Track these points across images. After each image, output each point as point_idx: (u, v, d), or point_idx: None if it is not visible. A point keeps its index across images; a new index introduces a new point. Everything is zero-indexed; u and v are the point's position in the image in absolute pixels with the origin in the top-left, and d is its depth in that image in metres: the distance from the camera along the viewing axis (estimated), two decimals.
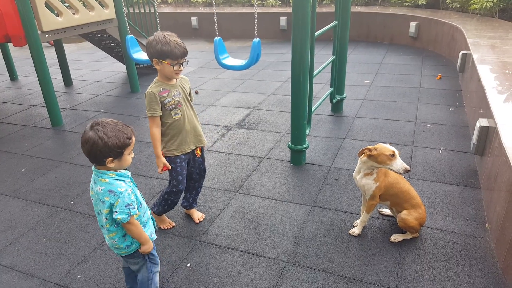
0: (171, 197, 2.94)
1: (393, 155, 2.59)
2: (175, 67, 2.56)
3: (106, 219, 2.00)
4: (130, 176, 2.10)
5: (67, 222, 3.28)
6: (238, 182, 3.73)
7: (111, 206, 1.95)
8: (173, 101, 2.66)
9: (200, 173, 3.08)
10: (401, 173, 2.61)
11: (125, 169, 2.08)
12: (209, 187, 3.65)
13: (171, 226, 3.13)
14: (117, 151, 1.92)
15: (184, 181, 2.89)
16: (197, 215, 3.22)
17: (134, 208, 1.98)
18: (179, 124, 2.74)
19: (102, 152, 1.89)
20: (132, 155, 2.04)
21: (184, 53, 2.56)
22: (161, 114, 2.65)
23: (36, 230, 3.21)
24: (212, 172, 3.90)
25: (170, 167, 2.79)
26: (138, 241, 2.11)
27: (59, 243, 3.04)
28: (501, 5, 7.59)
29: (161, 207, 3.02)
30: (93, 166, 2.02)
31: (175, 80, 2.70)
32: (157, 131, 2.68)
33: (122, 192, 1.94)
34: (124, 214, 1.94)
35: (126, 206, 1.94)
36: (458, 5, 8.43)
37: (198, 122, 2.88)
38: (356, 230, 2.93)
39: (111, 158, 1.92)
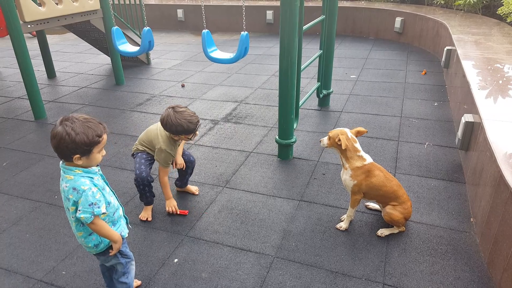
0: (136, 182, 3.05)
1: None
2: (191, 137, 2.97)
3: (72, 217, 1.97)
4: (100, 173, 2.05)
5: (51, 217, 3.22)
6: (226, 177, 3.71)
7: (76, 204, 1.91)
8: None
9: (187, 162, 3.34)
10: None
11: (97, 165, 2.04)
12: (196, 182, 3.62)
13: (145, 219, 3.14)
14: (85, 149, 1.86)
15: (141, 167, 3.04)
16: (193, 188, 3.49)
17: (98, 207, 1.92)
18: None
19: (68, 149, 1.84)
20: (103, 153, 1.99)
21: (197, 124, 2.91)
22: None
23: (18, 226, 3.14)
24: (199, 167, 3.87)
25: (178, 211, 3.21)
26: (107, 240, 2.08)
27: (43, 239, 2.98)
28: (484, 2, 7.69)
29: (141, 196, 3.16)
30: (60, 162, 1.97)
31: None
32: (167, 180, 3.13)
33: (85, 190, 1.89)
34: (88, 213, 1.89)
35: (89, 205, 1.89)
36: (442, 1, 8.50)
37: None
38: (343, 225, 2.95)
39: (78, 155, 1.87)
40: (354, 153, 2.76)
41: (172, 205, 3.18)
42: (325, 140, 2.89)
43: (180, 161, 3.22)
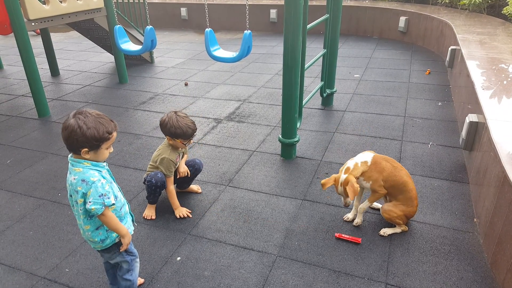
0: (149, 183, 3.09)
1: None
2: (186, 143, 3.06)
3: (81, 209, 1.99)
4: (107, 168, 2.08)
5: (55, 215, 3.23)
6: (229, 175, 3.71)
7: (84, 196, 1.93)
8: (177, 163, 3.20)
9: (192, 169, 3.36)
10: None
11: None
12: (199, 180, 3.62)
13: (150, 218, 3.15)
14: (94, 143, 1.91)
15: (157, 172, 3.08)
16: (195, 187, 3.50)
17: (108, 198, 1.96)
18: None
19: (78, 141, 1.88)
20: (111, 150, 2.03)
21: (194, 132, 3.04)
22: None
23: (22, 223, 3.15)
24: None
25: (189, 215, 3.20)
26: (113, 236, 2.11)
27: (46, 236, 2.99)
28: (489, 1, 7.65)
29: (148, 196, 3.17)
30: (69, 155, 2.00)
31: None
32: (173, 188, 3.17)
33: (95, 181, 1.92)
34: (98, 205, 1.92)
35: (100, 196, 1.92)
36: (447, 1, 8.47)
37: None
38: (357, 220, 2.95)
39: (86, 149, 1.91)
40: (361, 168, 2.79)
41: (182, 212, 3.15)
42: (347, 199, 2.78)
43: (183, 168, 3.22)
